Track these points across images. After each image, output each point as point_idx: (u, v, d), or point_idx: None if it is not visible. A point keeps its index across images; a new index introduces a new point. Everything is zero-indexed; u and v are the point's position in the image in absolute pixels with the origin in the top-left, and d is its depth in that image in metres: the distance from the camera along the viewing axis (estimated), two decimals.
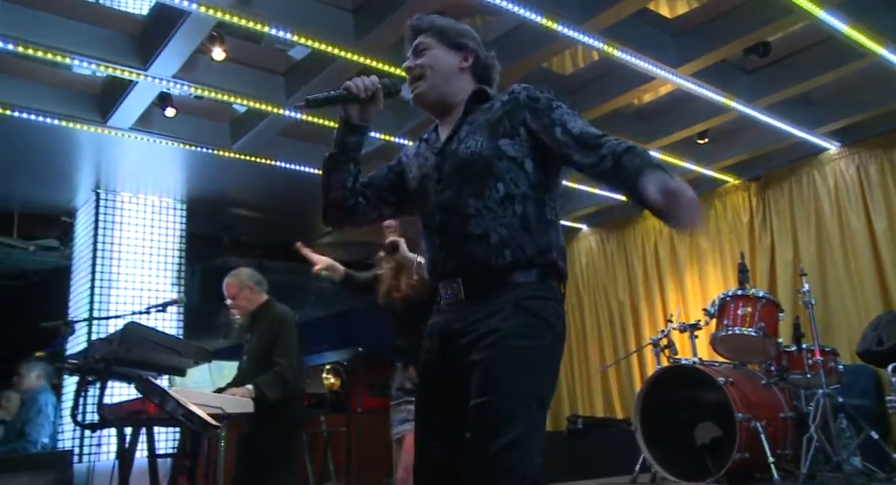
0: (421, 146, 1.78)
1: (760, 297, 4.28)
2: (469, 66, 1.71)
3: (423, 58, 1.70)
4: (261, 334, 3.87)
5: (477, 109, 1.68)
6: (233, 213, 6.40)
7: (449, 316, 1.60)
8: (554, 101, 1.61)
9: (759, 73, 4.57)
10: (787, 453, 4.18)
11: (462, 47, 1.71)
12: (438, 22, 1.74)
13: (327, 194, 1.76)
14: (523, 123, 1.60)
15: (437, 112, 1.75)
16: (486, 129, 1.62)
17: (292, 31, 3.58)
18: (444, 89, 1.70)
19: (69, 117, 4.32)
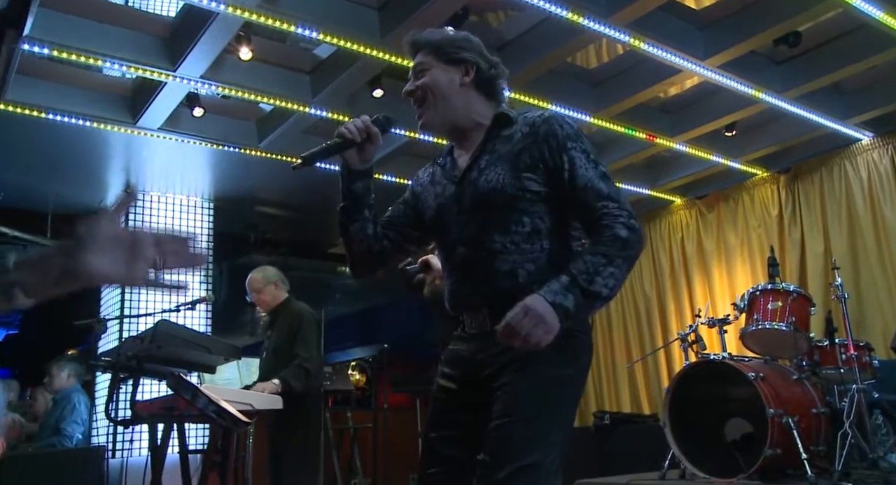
0: (436, 172, 1.71)
1: (791, 291, 4.21)
2: (471, 81, 1.63)
3: (422, 80, 1.63)
4: (281, 331, 3.92)
5: (498, 137, 1.60)
6: (259, 211, 6.46)
7: (473, 345, 1.57)
8: (571, 141, 1.53)
9: (789, 63, 4.49)
10: (821, 450, 4.10)
11: (461, 61, 1.63)
12: (434, 37, 1.67)
13: (351, 247, 1.69)
14: (542, 158, 1.53)
15: (451, 136, 1.69)
16: (507, 161, 1.55)
17: (318, 30, 3.61)
18: (449, 113, 1.63)
19: (100, 119, 4.40)
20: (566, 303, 1.38)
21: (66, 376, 5.34)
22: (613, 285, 1.42)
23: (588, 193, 1.48)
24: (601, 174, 1.51)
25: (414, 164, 5.65)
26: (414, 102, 1.66)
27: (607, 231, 1.44)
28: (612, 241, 1.43)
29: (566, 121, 1.57)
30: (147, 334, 3.31)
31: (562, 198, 1.53)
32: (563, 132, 1.53)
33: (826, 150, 5.50)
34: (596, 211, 1.47)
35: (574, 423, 1.58)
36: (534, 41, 4.07)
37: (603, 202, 1.47)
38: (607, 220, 1.45)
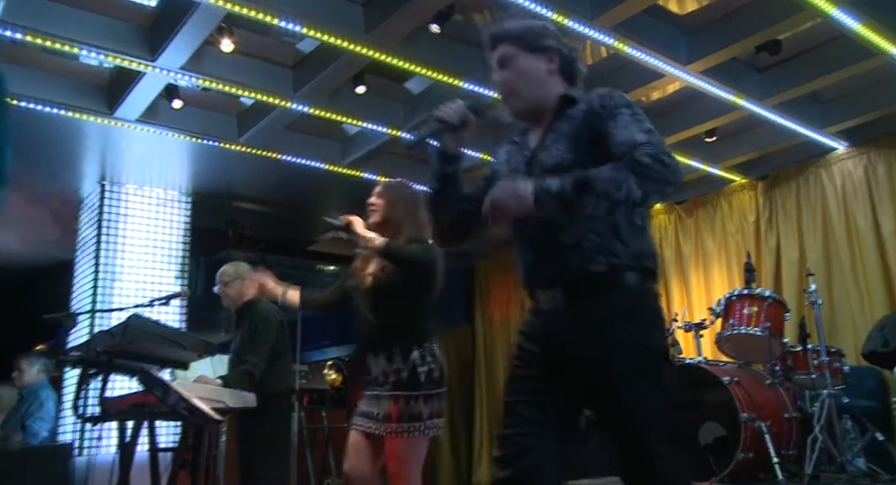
0: (511, 151, 1.80)
1: (767, 296, 4.27)
2: (556, 67, 1.69)
3: (510, 71, 1.68)
4: (243, 331, 3.84)
5: (563, 116, 1.67)
6: (237, 206, 6.38)
7: (551, 323, 1.62)
8: (618, 108, 1.58)
9: (770, 71, 4.54)
10: (792, 454, 4.16)
11: (546, 49, 1.68)
12: (515, 27, 1.71)
13: (440, 219, 1.82)
14: (595, 129, 1.59)
15: (532, 120, 1.75)
16: (569, 138, 1.62)
17: (301, 23, 3.57)
18: (536, 98, 1.69)
19: (76, 108, 4.31)
20: (549, 185, 1.45)
21: (35, 371, 5.22)
22: (610, 188, 1.44)
23: (624, 146, 1.52)
24: (643, 129, 1.55)
25: (396, 162, 5.63)
26: (502, 92, 1.71)
27: (630, 155, 1.48)
28: (629, 161, 1.47)
29: (619, 93, 1.63)
30: (118, 329, 3.23)
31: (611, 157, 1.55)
32: (613, 102, 1.60)
33: (803, 158, 5.58)
34: (628, 153, 1.50)
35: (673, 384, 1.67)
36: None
37: (641, 144, 1.51)
38: (633, 153, 1.49)
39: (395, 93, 4.81)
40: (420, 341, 2.50)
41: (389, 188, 2.67)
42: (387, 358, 2.48)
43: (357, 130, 5.19)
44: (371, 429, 2.46)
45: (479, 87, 4.28)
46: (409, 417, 2.39)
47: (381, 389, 2.48)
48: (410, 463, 2.42)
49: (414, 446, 2.41)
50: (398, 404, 2.40)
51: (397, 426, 2.38)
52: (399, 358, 2.46)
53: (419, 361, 2.45)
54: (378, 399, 2.48)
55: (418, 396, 2.42)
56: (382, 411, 2.44)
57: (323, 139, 5.31)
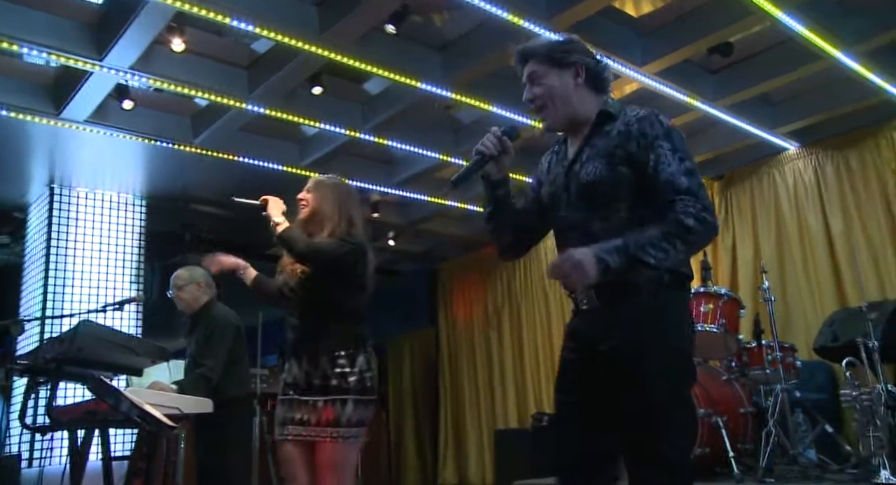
0: (552, 161, 1.90)
1: (722, 294, 4.34)
2: (583, 80, 1.77)
3: (540, 87, 1.78)
4: (198, 336, 3.76)
5: (600, 132, 1.75)
6: (194, 209, 6.25)
7: (588, 321, 1.74)
8: (659, 139, 1.66)
9: (722, 73, 4.64)
10: (747, 448, 4.24)
11: (572, 64, 1.77)
12: (542, 44, 1.81)
13: (500, 239, 1.92)
14: (632, 153, 1.68)
15: (569, 130, 1.84)
16: (604, 156, 1.70)
17: (255, 23, 3.51)
18: (568, 112, 1.78)
19: (20, 109, 4.17)
20: (608, 259, 1.55)
21: None
22: (662, 258, 1.57)
23: (667, 187, 1.61)
24: (685, 170, 1.63)
25: (355, 163, 5.59)
26: (534, 108, 1.81)
27: (673, 216, 1.58)
28: (675, 224, 1.57)
29: (659, 119, 1.70)
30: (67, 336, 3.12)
31: (648, 190, 1.65)
32: (654, 131, 1.67)
33: (756, 158, 5.70)
34: (671, 203, 1.59)
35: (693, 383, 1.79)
36: (475, 43, 4.07)
37: (680, 196, 1.59)
38: (679, 208, 1.58)
39: (353, 94, 4.77)
40: (364, 346, 2.42)
41: (319, 184, 2.58)
42: (329, 360, 2.36)
43: (315, 132, 5.13)
44: (304, 436, 2.33)
45: (435, 88, 4.27)
46: (348, 422, 2.30)
47: (319, 393, 2.35)
48: (348, 470, 2.35)
49: (351, 451, 2.35)
50: (334, 408, 2.30)
51: (337, 431, 2.29)
52: (345, 361, 2.36)
53: (365, 366, 2.38)
54: (314, 404, 2.34)
55: (358, 400, 2.34)
56: (316, 417, 2.32)
57: (281, 141, 5.25)
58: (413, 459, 8.19)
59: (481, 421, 7.54)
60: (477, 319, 7.83)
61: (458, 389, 7.83)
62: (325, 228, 2.48)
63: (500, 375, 7.45)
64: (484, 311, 7.77)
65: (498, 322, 7.58)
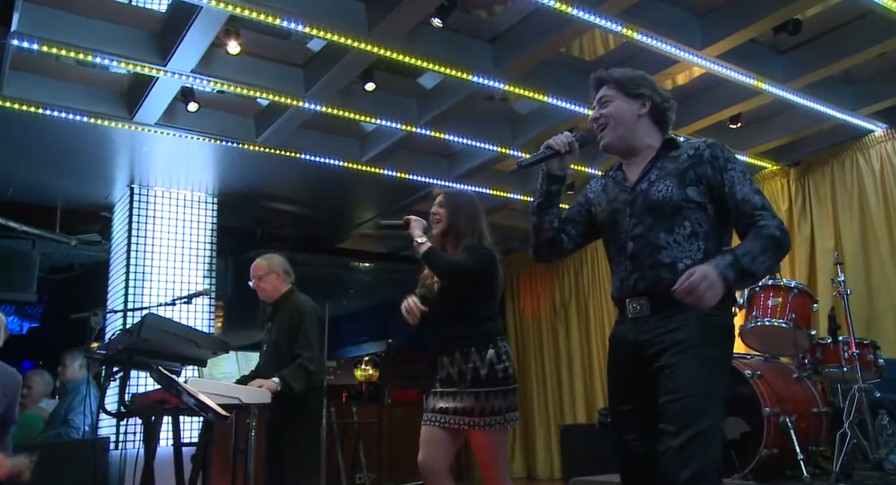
0: (608, 183, 2.03)
1: (792, 287, 4.10)
2: (647, 112, 1.93)
3: (607, 109, 1.95)
4: (281, 324, 3.86)
5: (666, 156, 1.91)
6: (264, 206, 6.48)
7: (636, 328, 1.85)
8: (731, 163, 1.83)
9: (793, 52, 4.36)
10: (821, 450, 4.00)
11: (640, 96, 1.94)
12: (617, 74, 1.98)
13: (538, 235, 2.03)
14: (705, 175, 1.83)
15: (624, 154, 2.00)
16: (675, 177, 1.85)
17: (304, 23, 3.59)
18: (627, 136, 1.94)
19: (97, 114, 4.44)
20: (729, 276, 1.68)
21: (77, 366, 5.41)
22: (765, 270, 1.74)
23: (746, 205, 1.78)
24: (755, 190, 1.82)
25: (414, 159, 5.63)
26: (598, 127, 1.97)
27: (764, 230, 1.74)
28: (768, 237, 1.73)
29: (725, 147, 1.88)
30: (134, 328, 3.32)
31: (721, 209, 1.83)
32: (724, 155, 1.85)
33: (837, 142, 5.34)
34: (753, 218, 1.77)
35: None
36: (525, 33, 4.01)
37: (759, 212, 1.77)
38: (764, 222, 1.75)
39: (409, 89, 4.80)
40: (494, 341, 2.61)
41: (450, 197, 2.78)
42: (463, 358, 2.59)
43: (373, 128, 5.21)
44: (451, 424, 2.59)
45: (488, 81, 4.24)
46: (492, 410, 2.53)
47: (459, 386, 2.60)
48: (498, 452, 2.61)
49: (499, 437, 2.58)
50: (479, 399, 2.53)
51: (480, 420, 2.53)
52: (476, 357, 2.57)
53: (496, 359, 2.57)
54: (455, 396, 2.60)
55: (497, 391, 2.55)
56: (462, 406, 2.56)
57: (340, 138, 5.35)
58: None
59: (549, 415, 7.46)
60: (544, 312, 7.74)
61: (526, 382, 7.77)
62: (459, 242, 2.71)
63: (567, 369, 7.35)
64: (551, 304, 7.67)
65: (565, 315, 7.47)
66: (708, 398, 1.71)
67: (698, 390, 1.71)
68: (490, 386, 2.55)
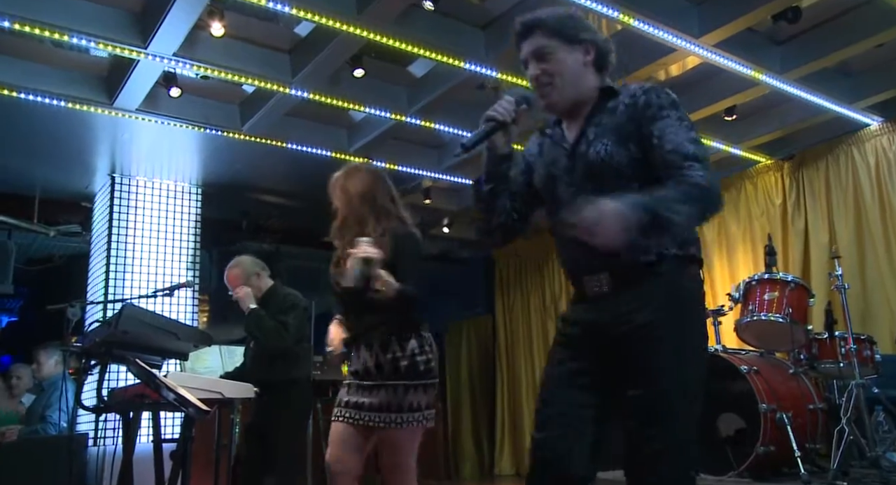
0: (544, 144, 1.77)
1: (789, 281, 4.03)
2: (591, 60, 1.66)
3: (549, 63, 1.64)
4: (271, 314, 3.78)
5: (603, 109, 1.65)
6: (250, 197, 6.34)
7: (596, 308, 1.62)
8: (665, 109, 1.57)
9: (791, 42, 4.28)
10: (818, 447, 3.94)
11: (582, 42, 1.65)
12: (550, 17, 1.66)
13: (490, 221, 1.77)
14: (640, 127, 1.59)
15: (568, 113, 1.71)
16: (613, 133, 1.61)
17: (290, 4, 3.46)
18: (575, 93, 1.66)
19: (76, 99, 4.28)
20: (638, 214, 1.41)
21: (53, 363, 5.25)
22: (684, 221, 1.46)
23: (674, 155, 1.52)
24: (691, 138, 1.55)
25: (402, 148, 5.50)
26: (539, 86, 1.67)
27: (687, 178, 1.49)
28: (692, 184, 1.48)
29: (664, 91, 1.61)
30: (112, 319, 3.20)
31: (654, 161, 1.57)
32: (659, 101, 1.58)
33: (832, 135, 5.28)
34: (680, 168, 1.51)
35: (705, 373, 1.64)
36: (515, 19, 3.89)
37: (688, 162, 1.51)
38: (689, 172, 1.50)
39: (398, 76, 4.68)
40: (416, 330, 2.38)
41: (336, 185, 2.49)
42: (382, 348, 2.34)
43: (362, 117, 5.08)
44: (364, 420, 2.33)
45: (480, 68, 4.13)
46: (410, 407, 2.29)
47: (376, 379, 2.34)
48: (407, 453, 2.34)
49: (413, 435, 2.32)
50: (396, 393, 2.29)
51: (396, 416, 2.28)
52: (396, 347, 2.34)
53: (417, 350, 2.34)
54: (370, 390, 2.34)
55: (417, 385, 2.31)
56: (378, 401, 2.30)
57: (328, 127, 5.22)
58: (470, 448, 8.12)
59: None
60: (535, 308, 7.65)
61: (516, 378, 7.69)
62: (365, 228, 2.38)
63: None
64: (541, 299, 7.58)
65: (555, 311, 7.38)
66: (685, 390, 1.53)
67: (674, 382, 1.52)
68: (410, 379, 2.30)
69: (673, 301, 1.55)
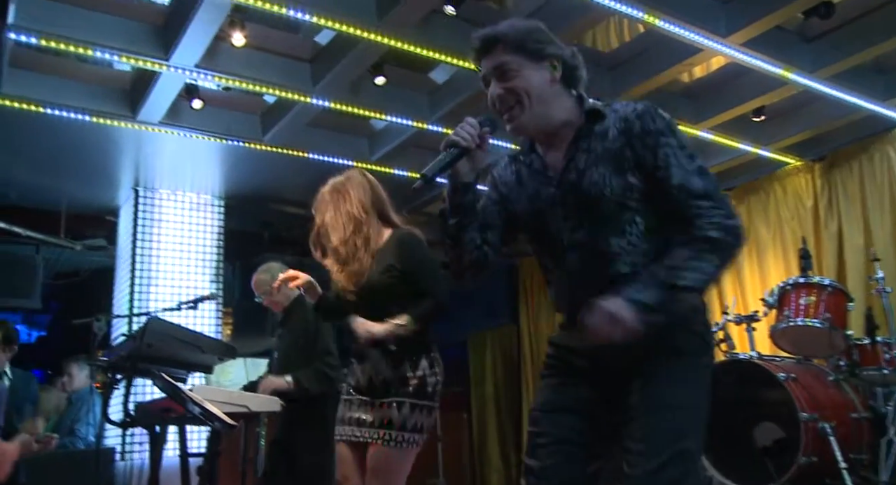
0: (521, 172, 1.63)
1: (826, 285, 3.90)
2: (559, 76, 1.54)
3: (513, 81, 1.52)
4: (294, 329, 3.74)
5: (591, 134, 1.53)
6: (271, 208, 6.34)
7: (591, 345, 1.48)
8: (664, 136, 1.47)
9: (821, 40, 4.16)
10: (863, 458, 3.78)
11: (547, 56, 1.53)
12: (511, 31, 1.54)
13: (461, 259, 1.62)
14: (640, 156, 1.48)
15: (540, 136, 1.60)
16: (609, 161, 1.49)
17: (311, 12, 3.44)
18: (543, 113, 1.53)
19: (100, 113, 4.31)
20: (642, 298, 1.37)
21: (84, 375, 5.27)
22: (699, 279, 1.40)
23: (682, 192, 1.44)
24: (696, 169, 1.46)
25: (424, 156, 5.45)
26: (502, 106, 1.54)
27: (697, 232, 1.42)
28: (702, 240, 1.41)
29: (659, 114, 1.51)
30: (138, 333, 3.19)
31: (659, 193, 1.48)
32: (656, 126, 1.48)
33: (866, 134, 5.13)
34: (689, 209, 1.43)
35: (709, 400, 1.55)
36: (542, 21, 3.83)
37: (697, 202, 1.43)
38: (699, 221, 1.43)
39: (420, 83, 4.65)
40: (428, 350, 2.29)
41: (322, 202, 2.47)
42: (391, 366, 2.24)
43: (383, 126, 5.05)
44: (363, 437, 2.23)
45: None
46: (413, 427, 2.19)
47: (381, 395, 2.25)
48: (401, 476, 2.21)
49: (406, 457, 2.21)
50: (402, 410, 2.19)
51: (398, 434, 2.18)
52: (407, 366, 2.24)
53: (428, 370, 2.25)
54: (373, 405, 2.25)
55: (423, 406, 2.22)
56: (380, 418, 2.21)
57: (349, 136, 5.20)
58: (496, 460, 8.00)
59: None
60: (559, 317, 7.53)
61: None
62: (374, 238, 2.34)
63: None
64: None
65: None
66: (690, 413, 1.45)
67: (679, 402, 1.44)
68: (417, 398, 2.20)
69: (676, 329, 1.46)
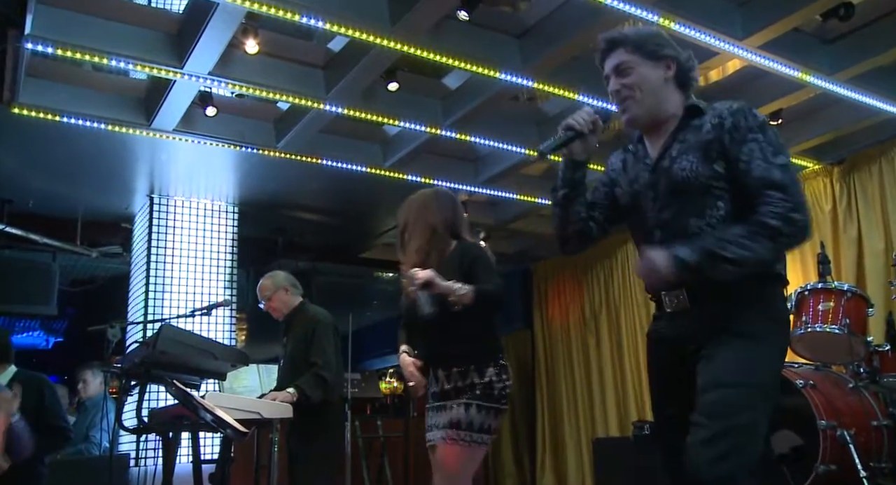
0: (627, 160, 1.84)
1: (845, 290, 3.83)
2: (672, 75, 1.72)
3: (630, 77, 1.71)
4: (296, 337, 3.78)
5: (688, 126, 1.70)
6: (285, 215, 6.35)
7: (675, 323, 1.69)
8: (752, 132, 1.59)
9: (840, 41, 4.11)
10: (884, 467, 3.71)
11: (663, 57, 1.72)
12: (633, 34, 1.75)
13: (566, 228, 1.85)
14: (726, 148, 1.62)
15: (649, 128, 1.78)
16: (699, 150, 1.64)
17: (324, 19, 3.44)
18: (655, 107, 1.72)
19: (114, 121, 4.34)
20: (683, 255, 1.53)
21: (99, 382, 5.30)
22: (745, 255, 1.52)
23: (759, 182, 1.56)
24: (780, 164, 1.57)
25: (437, 162, 5.45)
26: (619, 100, 1.74)
27: (760, 217, 1.53)
28: (760, 225, 1.53)
29: (752, 112, 1.63)
30: (151, 340, 3.20)
31: (742, 183, 1.60)
32: (747, 124, 1.60)
33: (886, 137, 5.06)
34: (760, 197, 1.54)
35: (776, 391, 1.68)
36: (555, 26, 3.82)
37: (769, 191, 1.54)
38: (764, 207, 1.53)
39: (432, 89, 4.64)
40: (496, 359, 2.38)
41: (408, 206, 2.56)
42: (461, 375, 2.35)
43: (396, 131, 5.05)
44: (431, 441, 2.37)
45: (516, 78, 4.05)
46: (481, 427, 2.28)
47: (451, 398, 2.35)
48: (466, 475, 2.30)
49: (474, 456, 2.30)
50: (469, 411, 2.28)
51: (466, 434, 2.27)
52: (475, 375, 2.34)
53: (495, 377, 2.35)
54: (445, 408, 2.35)
55: (490, 407, 2.31)
56: (449, 418, 2.30)
57: (363, 142, 5.20)
58: (510, 465, 7.96)
59: (579, 429, 7.20)
60: (574, 322, 7.49)
61: (556, 394, 7.53)
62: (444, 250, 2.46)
63: (598, 380, 7.09)
64: (581, 313, 7.43)
65: (596, 325, 7.21)
66: (749, 389, 1.52)
67: (738, 379, 1.53)
68: (484, 400, 2.30)
69: (750, 311, 1.58)
